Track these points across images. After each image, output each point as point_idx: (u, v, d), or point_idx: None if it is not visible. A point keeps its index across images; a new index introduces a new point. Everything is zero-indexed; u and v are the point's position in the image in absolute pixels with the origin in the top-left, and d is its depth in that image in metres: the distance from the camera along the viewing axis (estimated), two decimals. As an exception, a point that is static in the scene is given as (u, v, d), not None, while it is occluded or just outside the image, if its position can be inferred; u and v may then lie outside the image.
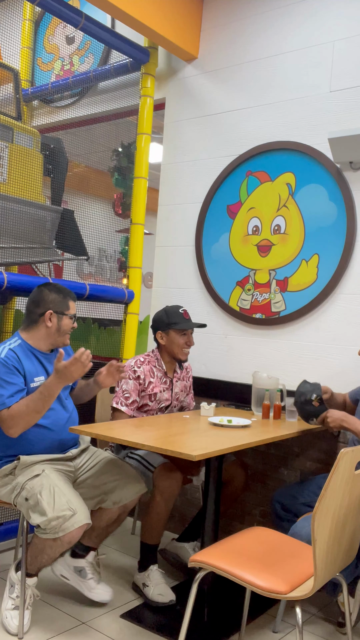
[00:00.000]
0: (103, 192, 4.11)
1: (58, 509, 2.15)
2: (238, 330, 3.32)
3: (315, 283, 3.03)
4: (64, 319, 2.45)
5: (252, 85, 3.31)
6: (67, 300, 2.47)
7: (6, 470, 2.35)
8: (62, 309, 2.44)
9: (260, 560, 1.89)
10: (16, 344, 2.39)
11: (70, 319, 2.47)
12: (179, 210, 3.61)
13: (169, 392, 2.95)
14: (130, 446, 2.38)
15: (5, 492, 2.35)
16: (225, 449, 2.15)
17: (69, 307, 2.47)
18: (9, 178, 3.10)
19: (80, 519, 2.17)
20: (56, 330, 2.44)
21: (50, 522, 2.14)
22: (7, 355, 2.31)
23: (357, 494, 1.87)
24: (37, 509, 2.18)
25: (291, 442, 3.04)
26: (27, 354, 2.39)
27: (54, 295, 2.44)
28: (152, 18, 3.23)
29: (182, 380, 3.05)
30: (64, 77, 4.13)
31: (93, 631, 2.35)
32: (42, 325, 2.43)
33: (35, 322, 2.43)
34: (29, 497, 2.22)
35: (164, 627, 2.41)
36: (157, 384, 2.89)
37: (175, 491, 2.61)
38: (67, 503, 2.18)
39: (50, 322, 2.42)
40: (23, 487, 2.26)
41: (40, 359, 2.44)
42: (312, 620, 2.56)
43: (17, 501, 2.28)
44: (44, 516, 2.15)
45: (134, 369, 2.83)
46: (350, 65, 2.94)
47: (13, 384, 2.29)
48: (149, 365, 2.89)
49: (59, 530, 2.15)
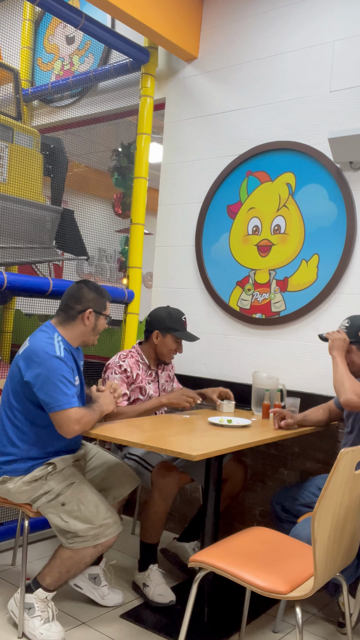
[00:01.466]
0: (103, 192, 4.11)
1: (102, 517, 2.22)
2: (238, 330, 3.32)
3: (315, 283, 3.03)
4: (101, 318, 2.44)
5: (252, 85, 3.31)
6: (105, 300, 2.46)
7: (37, 476, 2.30)
8: (100, 308, 2.43)
9: (260, 560, 1.89)
10: (61, 340, 2.33)
11: (106, 319, 2.47)
12: (179, 210, 3.61)
13: (155, 384, 2.96)
14: (129, 446, 2.40)
15: (28, 495, 2.30)
16: (225, 449, 2.15)
17: (106, 308, 2.47)
18: (9, 178, 3.10)
19: (119, 525, 2.29)
20: (92, 329, 2.42)
21: (94, 529, 2.19)
22: (65, 355, 2.28)
23: (357, 494, 1.87)
24: (77, 516, 2.20)
25: (291, 442, 3.04)
26: (69, 352, 2.37)
27: (93, 294, 2.42)
28: (152, 18, 3.23)
29: (164, 372, 3.06)
30: (64, 77, 4.13)
31: (93, 631, 2.35)
32: (80, 323, 2.39)
33: (74, 318, 2.39)
34: (66, 502, 2.23)
35: (164, 627, 2.41)
36: (144, 377, 2.90)
37: (174, 490, 2.62)
38: (108, 511, 2.27)
39: (88, 321, 2.39)
40: (60, 493, 2.25)
41: (74, 356, 2.42)
42: (312, 620, 2.56)
43: (50, 504, 2.25)
44: (87, 523, 2.19)
45: (119, 364, 2.84)
46: (350, 65, 2.94)
47: (73, 383, 2.28)
48: (132, 358, 2.90)
49: (101, 537, 2.21)
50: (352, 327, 2.49)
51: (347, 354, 2.49)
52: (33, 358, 2.24)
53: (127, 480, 2.57)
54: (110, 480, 2.54)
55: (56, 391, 2.19)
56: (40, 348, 2.25)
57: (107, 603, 2.54)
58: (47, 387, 2.20)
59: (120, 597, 2.58)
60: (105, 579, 2.57)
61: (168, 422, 2.64)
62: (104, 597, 2.54)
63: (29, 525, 2.36)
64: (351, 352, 2.48)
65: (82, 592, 2.54)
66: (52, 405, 2.19)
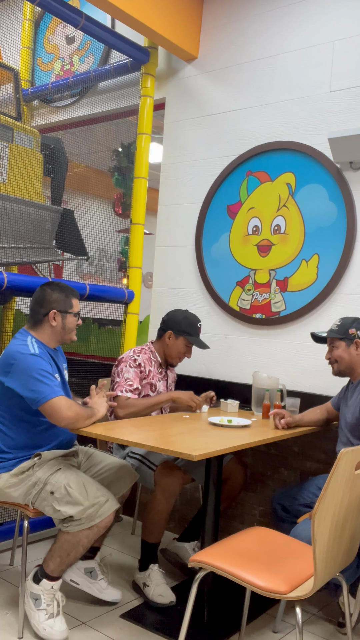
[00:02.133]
0: (103, 192, 4.11)
1: (92, 496, 2.21)
2: (238, 330, 3.32)
3: (315, 283, 3.03)
4: (68, 317, 2.45)
5: (252, 85, 3.31)
6: (70, 298, 2.47)
7: (24, 468, 2.32)
8: (65, 307, 2.44)
9: (260, 560, 1.89)
10: (35, 340, 2.37)
11: (75, 317, 2.48)
12: (179, 210, 3.61)
13: (164, 382, 3.00)
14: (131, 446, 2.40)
15: (21, 490, 2.31)
16: (225, 449, 2.15)
17: (72, 305, 2.47)
18: (9, 178, 3.09)
19: (113, 502, 2.26)
20: (61, 329, 2.45)
21: (86, 510, 2.18)
22: (40, 352, 2.31)
23: (357, 494, 1.87)
24: (67, 501, 2.20)
25: (291, 442, 3.04)
26: (44, 351, 2.39)
27: (56, 294, 2.44)
28: (152, 18, 3.23)
29: (172, 372, 3.11)
30: (64, 77, 4.13)
31: (93, 631, 2.35)
32: (47, 325, 2.43)
33: (40, 321, 2.43)
34: (54, 490, 2.22)
35: (164, 627, 2.41)
36: (155, 374, 2.94)
37: (177, 489, 2.62)
38: (98, 490, 2.25)
39: (54, 322, 2.42)
40: (46, 482, 2.25)
41: (52, 356, 2.45)
42: (312, 620, 2.56)
43: (40, 496, 2.26)
44: (78, 505, 2.18)
45: (134, 358, 2.88)
46: (350, 65, 2.94)
47: (54, 377, 2.31)
48: (146, 354, 2.94)
49: (95, 517, 2.20)
50: (343, 325, 2.54)
51: (335, 350, 2.54)
52: (9, 361, 2.28)
53: (125, 476, 2.57)
54: (108, 477, 2.54)
55: (38, 385, 2.22)
56: (14, 351, 2.30)
57: (106, 597, 2.53)
58: (29, 384, 2.23)
59: (119, 594, 2.57)
60: (101, 572, 2.57)
61: (169, 422, 2.64)
62: (102, 590, 2.53)
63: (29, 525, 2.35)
64: (339, 348, 2.52)
65: (79, 587, 2.52)
66: (38, 398, 2.22)
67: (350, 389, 2.57)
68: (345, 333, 2.52)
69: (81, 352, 3.87)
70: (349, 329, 2.51)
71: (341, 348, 2.53)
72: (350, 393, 2.54)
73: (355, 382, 2.53)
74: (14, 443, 2.35)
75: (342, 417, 2.57)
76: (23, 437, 2.35)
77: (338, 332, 2.53)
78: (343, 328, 2.53)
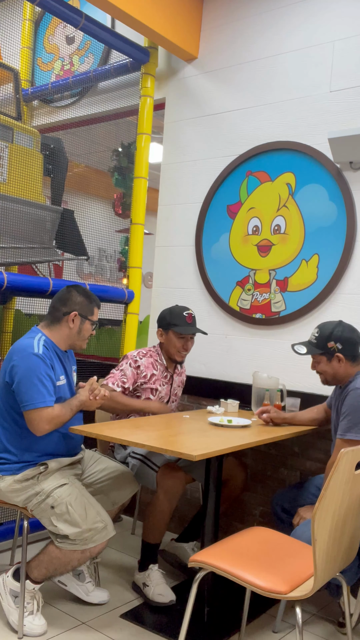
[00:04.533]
0: (103, 192, 4.11)
1: (91, 520, 2.20)
2: (238, 330, 3.32)
3: (315, 283, 3.03)
4: (86, 323, 2.44)
5: (252, 85, 3.31)
6: (93, 306, 2.47)
7: (29, 475, 2.30)
8: (86, 313, 2.44)
9: (260, 560, 1.89)
10: (43, 340, 2.35)
11: (92, 325, 2.47)
12: (179, 210, 3.61)
13: (168, 386, 2.98)
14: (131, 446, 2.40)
15: (22, 496, 2.30)
16: (225, 449, 2.15)
17: (93, 313, 2.47)
18: (9, 178, 3.09)
19: (110, 530, 2.26)
20: (77, 333, 2.43)
21: (83, 533, 2.18)
22: (44, 353, 2.30)
23: (357, 494, 1.87)
24: (66, 519, 2.19)
25: (291, 442, 3.04)
26: (52, 351, 2.38)
27: (81, 298, 2.44)
28: (152, 18, 3.23)
29: (179, 376, 3.09)
30: (64, 77, 4.13)
31: (93, 631, 2.35)
32: (65, 325, 2.41)
33: (59, 320, 2.42)
34: (55, 505, 2.21)
35: (164, 627, 2.41)
36: (159, 378, 2.92)
37: (180, 490, 2.62)
38: (98, 515, 2.24)
39: (72, 324, 2.41)
40: (49, 495, 2.24)
41: (61, 357, 2.44)
42: (312, 620, 2.56)
43: (40, 507, 2.25)
44: (75, 527, 2.18)
45: (135, 359, 2.87)
46: (350, 65, 2.94)
47: (51, 382, 2.30)
48: (151, 358, 2.92)
49: (89, 542, 2.20)
50: (321, 338, 2.43)
51: (317, 365, 2.45)
52: (12, 356, 2.29)
53: (126, 485, 2.58)
54: (109, 485, 2.54)
55: (32, 389, 2.22)
56: (20, 346, 2.30)
57: (92, 600, 2.54)
58: (23, 385, 2.23)
59: (106, 595, 2.57)
60: (89, 575, 2.57)
61: (168, 422, 2.64)
62: (88, 593, 2.54)
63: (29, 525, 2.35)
64: (321, 362, 2.44)
65: (66, 589, 2.54)
66: (27, 403, 2.22)
67: (336, 393, 2.54)
68: (324, 347, 2.41)
69: (81, 352, 3.87)
70: (327, 343, 2.40)
71: (322, 362, 2.43)
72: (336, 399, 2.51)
73: (342, 388, 2.47)
74: (18, 443, 2.33)
75: (333, 421, 2.55)
76: (25, 438, 2.32)
77: (317, 345, 2.43)
78: (321, 342, 2.42)
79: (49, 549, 2.26)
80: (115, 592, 2.66)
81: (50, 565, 2.25)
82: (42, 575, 2.28)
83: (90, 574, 2.58)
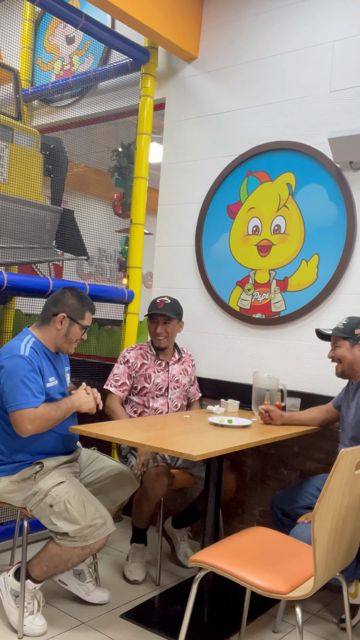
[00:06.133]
0: (103, 192, 4.11)
1: (90, 517, 2.20)
2: (238, 330, 3.32)
3: (315, 283, 3.03)
4: (75, 326, 2.42)
5: (252, 85, 3.31)
6: (85, 310, 2.44)
7: (25, 475, 2.30)
8: (76, 316, 2.41)
9: (260, 560, 1.89)
10: (32, 342, 2.35)
11: (81, 329, 2.44)
12: (179, 210, 3.61)
13: (165, 373, 3.03)
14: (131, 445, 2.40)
15: (21, 497, 2.30)
16: (225, 449, 2.15)
17: (84, 317, 2.44)
18: (9, 178, 3.09)
19: (109, 526, 2.26)
20: (64, 335, 2.41)
21: (82, 530, 2.18)
22: (30, 354, 2.29)
23: (357, 494, 1.87)
24: (65, 517, 2.19)
25: (291, 442, 3.04)
26: (41, 353, 2.37)
27: (73, 300, 2.42)
28: (152, 18, 3.22)
29: (180, 364, 3.12)
30: (64, 77, 4.13)
31: (93, 631, 2.35)
32: (53, 326, 2.41)
33: (48, 320, 2.41)
34: (54, 503, 2.21)
35: (164, 627, 2.41)
36: (151, 366, 3.01)
37: (160, 495, 2.70)
38: (97, 511, 2.24)
39: (60, 325, 2.39)
40: (47, 494, 2.24)
41: (51, 358, 2.43)
42: (312, 620, 2.56)
43: (39, 506, 2.25)
44: (75, 524, 2.18)
45: (124, 354, 3.02)
46: (350, 65, 2.94)
47: (37, 383, 2.28)
48: (140, 350, 3.04)
49: (89, 538, 2.20)
50: (349, 324, 2.53)
51: (338, 349, 2.53)
52: (0, 358, 2.30)
53: (126, 484, 2.58)
54: (108, 484, 2.54)
55: (15, 390, 2.22)
56: (7, 348, 2.32)
57: (92, 600, 2.54)
58: (7, 386, 2.24)
59: (106, 595, 2.57)
60: (90, 575, 2.57)
61: (168, 422, 2.64)
62: (89, 593, 2.54)
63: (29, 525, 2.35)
64: (342, 347, 2.51)
65: (67, 588, 2.54)
66: (10, 404, 2.22)
67: (350, 390, 2.56)
68: (350, 333, 2.50)
69: (81, 352, 3.87)
70: (354, 329, 2.50)
71: (344, 347, 2.51)
72: (352, 395, 2.54)
73: (356, 383, 2.52)
74: (12, 443, 2.33)
75: (343, 419, 2.56)
76: (20, 439, 2.31)
77: (343, 330, 2.51)
78: (349, 327, 2.51)
79: (49, 546, 2.26)
80: (116, 592, 2.66)
81: (50, 562, 2.25)
82: (42, 573, 2.28)
83: (90, 574, 2.58)
